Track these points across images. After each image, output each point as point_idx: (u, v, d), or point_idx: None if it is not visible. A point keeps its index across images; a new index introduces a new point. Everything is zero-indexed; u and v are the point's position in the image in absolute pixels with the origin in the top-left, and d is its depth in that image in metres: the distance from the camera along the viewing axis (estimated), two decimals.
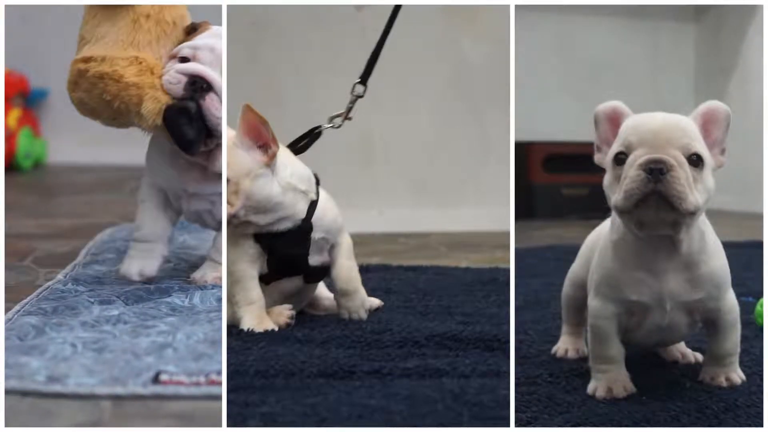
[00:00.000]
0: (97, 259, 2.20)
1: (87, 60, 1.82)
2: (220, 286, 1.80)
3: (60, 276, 2.04)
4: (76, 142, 3.97)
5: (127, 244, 2.31)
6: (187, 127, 1.79)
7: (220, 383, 1.38)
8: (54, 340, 1.57)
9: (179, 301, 1.81)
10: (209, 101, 1.80)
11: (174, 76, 1.80)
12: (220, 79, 1.81)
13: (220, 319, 1.69)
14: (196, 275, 1.96)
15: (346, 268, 1.77)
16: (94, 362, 1.46)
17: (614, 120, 1.39)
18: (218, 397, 1.35)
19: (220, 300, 1.84)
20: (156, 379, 1.39)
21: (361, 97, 1.86)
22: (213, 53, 1.83)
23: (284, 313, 1.72)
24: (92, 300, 1.82)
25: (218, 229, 1.97)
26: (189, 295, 1.85)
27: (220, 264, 1.89)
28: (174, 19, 1.89)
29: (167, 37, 1.87)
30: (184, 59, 1.83)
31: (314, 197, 1.74)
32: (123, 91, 1.80)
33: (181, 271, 2.08)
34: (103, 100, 1.81)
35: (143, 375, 1.41)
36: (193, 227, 2.61)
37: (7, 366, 1.43)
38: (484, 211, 3.15)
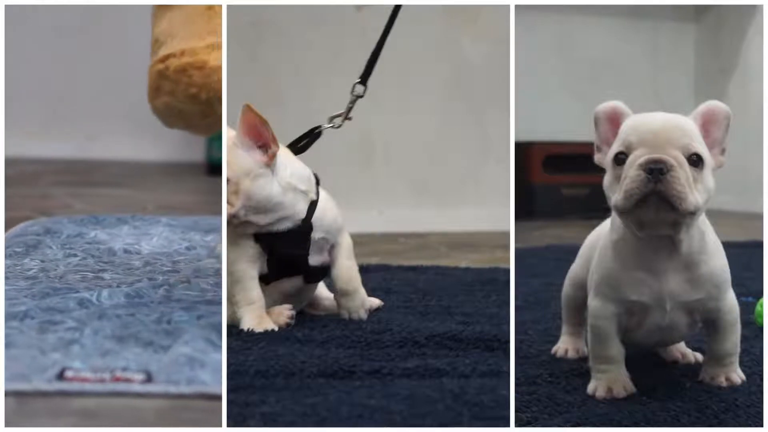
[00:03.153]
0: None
1: (165, 59, 1.71)
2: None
3: None
4: None
5: (39, 238, 2.30)
6: None
7: (125, 380, 1.38)
8: None
9: (87, 296, 1.79)
10: None
11: None
12: None
13: (130, 315, 1.68)
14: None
15: (346, 268, 1.77)
16: None
17: (614, 120, 1.39)
18: (123, 394, 1.35)
19: (128, 296, 1.83)
20: (61, 376, 1.39)
21: (361, 97, 1.86)
22: None
23: (284, 313, 1.72)
24: None
25: None
26: (97, 290, 1.83)
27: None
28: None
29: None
30: None
31: (314, 197, 1.74)
32: (208, 78, 1.67)
33: (87, 266, 2.07)
34: (190, 96, 1.69)
35: (48, 371, 1.40)
36: (106, 221, 2.62)
37: None
38: (484, 211, 3.15)
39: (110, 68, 4.38)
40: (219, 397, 1.35)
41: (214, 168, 4.04)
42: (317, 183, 1.75)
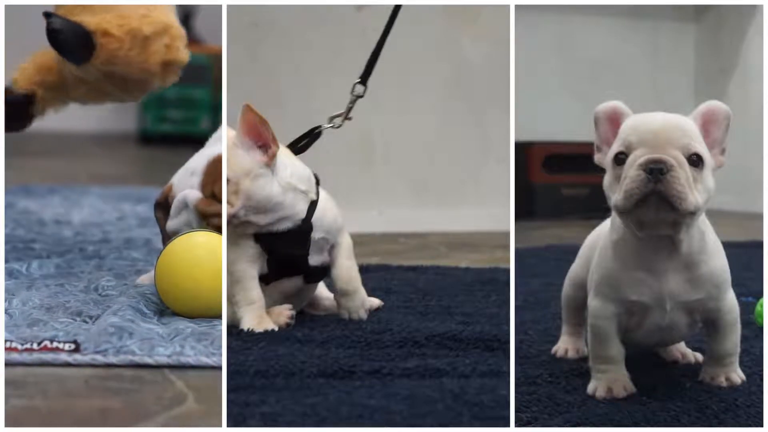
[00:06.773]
0: None
1: None
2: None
3: None
4: None
5: None
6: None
7: (52, 349, 1.39)
8: None
9: (17, 267, 1.78)
10: None
11: None
12: None
13: (59, 285, 1.66)
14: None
15: (346, 268, 1.77)
16: None
17: (614, 120, 1.39)
18: (51, 364, 1.36)
19: (58, 267, 1.80)
20: None
21: (361, 97, 1.86)
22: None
23: (284, 313, 1.72)
24: None
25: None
26: (27, 261, 1.82)
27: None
28: None
29: None
30: None
31: (314, 197, 1.73)
32: None
33: (17, 237, 2.05)
34: None
35: None
36: (36, 191, 2.59)
37: None
38: (484, 211, 3.15)
39: (39, 37, 4.33)
40: (147, 366, 1.37)
41: (146, 138, 4.02)
42: (317, 183, 1.75)
